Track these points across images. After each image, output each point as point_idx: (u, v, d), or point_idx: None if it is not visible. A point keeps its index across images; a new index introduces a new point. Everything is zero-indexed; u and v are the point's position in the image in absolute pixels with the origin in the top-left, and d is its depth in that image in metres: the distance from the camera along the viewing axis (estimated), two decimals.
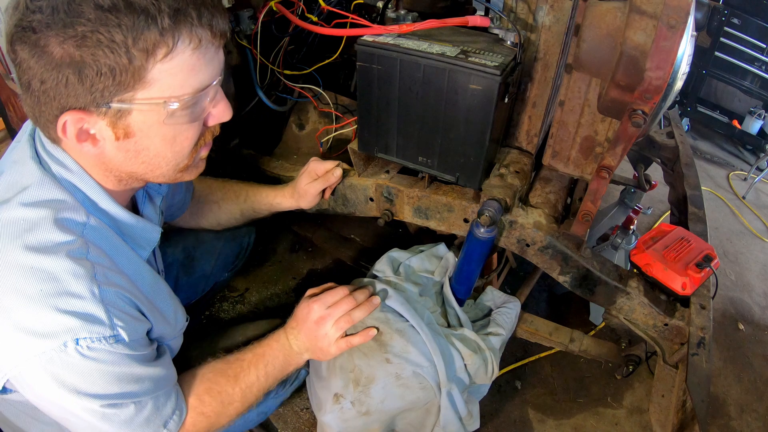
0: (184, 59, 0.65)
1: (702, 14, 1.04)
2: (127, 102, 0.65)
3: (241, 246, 1.45)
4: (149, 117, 0.67)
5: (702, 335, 1.10)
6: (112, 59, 0.60)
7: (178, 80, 0.66)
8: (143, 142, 0.70)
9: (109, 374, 0.71)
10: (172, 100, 0.66)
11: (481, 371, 1.19)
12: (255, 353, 1.00)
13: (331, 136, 1.62)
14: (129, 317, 0.72)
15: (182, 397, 0.89)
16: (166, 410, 0.83)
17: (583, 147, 1.27)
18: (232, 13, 1.44)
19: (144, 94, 0.65)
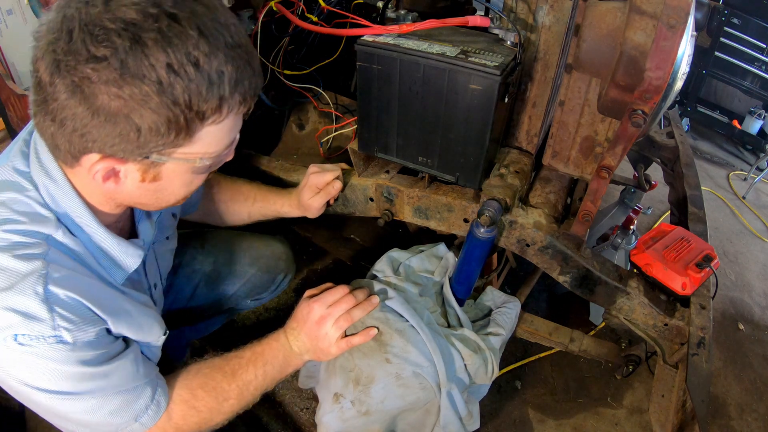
0: (227, 123, 0.69)
1: (702, 14, 1.05)
2: (167, 156, 0.68)
3: (274, 281, 1.40)
4: (180, 167, 0.71)
5: (702, 335, 1.10)
6: (173, 120, 0.62)
7: (217, 140, 0.70)
8: (165, 185, 0.73)
9: (55, 372, 0.71)
10: (206, 156, 0.71)
11: (481, 371, 1.19)
12: (254, 351, 0.99)
13: (331, 136, 1.62)
14: (79, 319, 0.71)
15: (163, 392, 0.87)
16: (137, 405, 0.82)
17: (583, 147, 1.27)
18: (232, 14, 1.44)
19: (184, 150, 0.68)
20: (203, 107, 0.63)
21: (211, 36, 0.61)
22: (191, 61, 0.60)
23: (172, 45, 0.59)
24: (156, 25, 0.58)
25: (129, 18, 0.58)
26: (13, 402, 1.56)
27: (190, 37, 0.60)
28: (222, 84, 0.63)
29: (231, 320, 1.81)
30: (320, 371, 1.20)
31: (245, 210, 1.25)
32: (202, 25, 0.61)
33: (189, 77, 0.60)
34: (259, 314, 1.89)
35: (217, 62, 0.62)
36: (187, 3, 0.61)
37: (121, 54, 0.57)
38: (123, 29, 0.57)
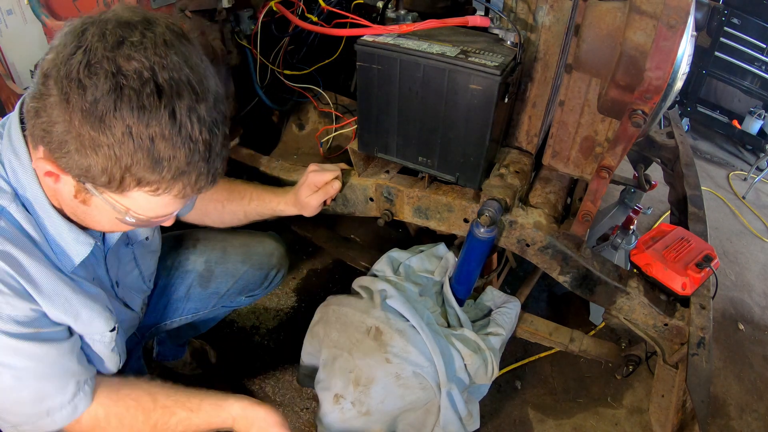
0: (162, 200, 0.72)
1: (702, 14, 1.05)
2: (98, 192, 0.72)
3: (267, 277, 1.40)
4: (108, 208, 0.74)
5: (702, 335, 1.10)
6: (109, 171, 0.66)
7: (149, 207, 0.74)
8: (92, 212, 0.77)
9: None
10: (133, 215, 0.75)
11: (481, 371, 1.19)
12: (189, 418, 0.92)
13: (331, 136, 1.62)
14: (8, 291, 0.72)
15: (85, 398, 0.85)
16: (54, 400, 0.81)
17: (583, 147, 1.27)
18: (232, 13, 1.44)
19: (115, 197, 0.72)
20: (142, 176, 0.67)
21: (181, 124, 0.65)
22: (149, 135, 0.64)
23: (141, 113, 0.63)
24: (141, 88, 0.62)
25: (125, 69, 0.62)
26: None
27: (158, 115, 0.63)
28: (168, 168, 0.67)
29: (230, 320, 1.82)
30: (320, 372, 1.20)
31: (241, 209, 1.25)
32: (177, 111, 0.65)
33: (139, 147, 0.64)
34: (259, 314, 1.90)
35: (171, 148, 0.65)
36: (179, 84, 0.65)
37: (97, 93, 0.62)
38: (112, 74, 0.62)
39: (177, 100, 0.65)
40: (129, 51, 0.63)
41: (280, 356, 1.77)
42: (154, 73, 0.63)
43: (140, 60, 0.63)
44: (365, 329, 1.14)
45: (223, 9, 1.36)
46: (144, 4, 1.25)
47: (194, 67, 0.68)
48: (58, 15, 1.40)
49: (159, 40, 0.65)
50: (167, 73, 0.64)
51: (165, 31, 0.67)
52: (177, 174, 0.68)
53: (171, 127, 0.64)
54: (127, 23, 0.65)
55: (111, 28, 0.64)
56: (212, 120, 0.69)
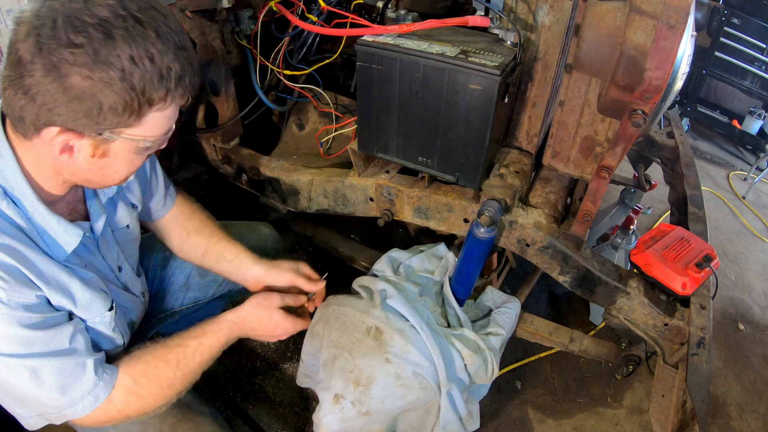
0: (168, 111, 0.80)
1: (702, 14, 1.05)
2: (117, 134, 0.78)
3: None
4: (126, 146, 0.81)
5: (702, 335, 1.10)
6: (128, 102, 0.73)
7: (159, 125, 0.81)
8: (111, 161, 0.83)
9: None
10: (148, 139, 0.82)
11: (481, 371, 1.19)
12: (201, 343, 1.01)
13: (331, 136, 1.62)
14: (13, 280, 0.76)
15: (104, 386, 0.89)
16: (74, 392, 0.85)
17: (583, 147, 1.27)
18: (232, 13, 1.44)
19: (132, 131, 0.78)
20: (153, 95, 0.75)
21: (165, 38, 0.74)
22: (148, 56, 0.72)
23: (135, 41, 0.71)
24: (124, 24, 0.70)
25: (103, 15, 0.69)
26: None
27: (149, 37, 0.72)
28: (170, 78, 0.75)
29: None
30: (319, 372, 1.20)
31: (203, 245, 1.22)
32: (159, 29, 0.73)
33: (146, 69, 0.72)
34: None
35: (168, 60, 0.74)
36: (147, 10, 0.73)
37: (95, 43, 0.69)
38: (98, 24, 0.69)
39: (155, 22, 0.73)
40: (97, 2, 0.70)
41: (280, 356, 1.77)
42: (126, 9, 0.71)
43: (110, 4, 0.70)
44: (365, 329, 1.14)
45: (223, 9, 1.36)
46: None
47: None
48: None
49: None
50: (134, 4, 0.72)
51: None
52: (177, 80, 0.76)
53: (161, 43, 0.73)
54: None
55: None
56: (180, 29, 0.78)
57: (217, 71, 1.46)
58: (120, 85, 0.71)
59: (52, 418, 0.88)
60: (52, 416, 0.87)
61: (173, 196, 1.22)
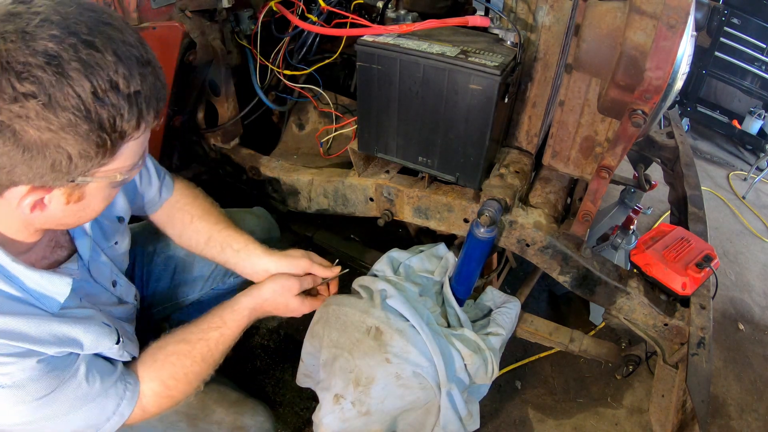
0: (142, 137, 0.72)
1: (702, 14, 1.05)
2: (91, 176, 0.70)
3: None
4: (102, 185, 0.74)
5: (702, 335, 1.10)
6: (99, 143, 0.65)
7: (133, 154, 0.73)
8: (88, 202, 0.75)
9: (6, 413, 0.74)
10: (123, 170, 0.73)
11: (481, 371, 1.19)
12: (222, 334, 1.01)
13: (331, 136, 1.62)
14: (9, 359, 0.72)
15: (129, 402, 0.89)
16: (98, 419, 0.85)
17: (583, 147, 1.27)
18: (232, 13, 1.44)
19: (106, 168, 0.70)
20: (125, 127, 0.66)
21: (126, 59, 0.64)
22: (112, 85, 0.63)
23: (94, 73, 0.61)
24: (76, 55, 0.60)
25: (51, 50, 0.58)
26: None
27: (108, 63, 0.62)
28: (139, 102, 0.66)
29: None
30: (319, 372, 1.20)
31: (207, 231, 1.16)
32: (117, 49, 0.63)
33: (111, 101, 0.63)
34: None
35: (134, 84, 0.65)
36: (100, 28, 0.63)
37: (47, 88, 0.58)
38: (46, 63, 0.58)
39: (111, 42, 0.63)
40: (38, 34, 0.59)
41: (280, 356, 1.77)
42: (76, 34, 0.61)
43: (54, 34, 0.59)
44: (365, 329, 1.14)
45: (223, 9, 1.36)
46: (144, 6, 1.25)
47: (93, 8, 0.65)
48: None
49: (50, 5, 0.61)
50: (83, 26, 0.62)
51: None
52: (148, 103, 0.68)
53: (121, 65, 0.63)
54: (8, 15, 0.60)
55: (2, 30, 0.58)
56: (139, 41, 0.68)
57: (217, 71, 1.46)
58: (86, 127, 0.62)
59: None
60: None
61: (170, 185, 1.17)
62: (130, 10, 1.24)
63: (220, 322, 1.01)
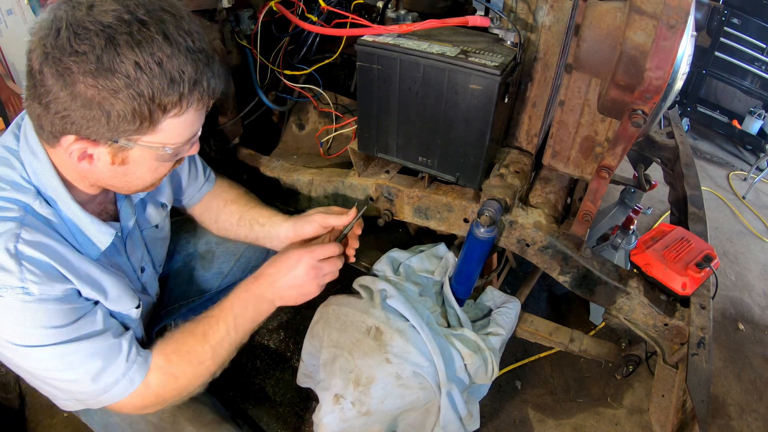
0: (187, 117, 0.79)
1: (702, 14, 1.05)
2: (133, 142, 0.78)
3: (268, 253, 1.38)
4: (145, 154, 0.81)
5: (702, 335, 1.10)
6: (138, 110, 0.72)
7: (178, 131, 0.80)
8: (132, 168, 0.83)
9: (22, 323, 0.77)
10: (168, 146, 0.81)
11: (481, 371, 1.19)
12: (222, 307, 0.98)
13: (331, 136, 1.62)
14: (45, 276, 0.78)
15: (138, 369, 0.89)
16: (106, 377, 0.85)
17: (583, 147, 1.27)
18: (232, 13, 1.44)
19: (149, 138, 0.78)
20: (164, 101, 0.73)
21: (175, 41, 0.72)
22: (156, 60, 0.70)
23: (140, 46, 0.69)
24: (128, 29, 0.69)
25: (106, 21, 0.68)
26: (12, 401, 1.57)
27: (155, 41, 0.70)
28: (182, 82, 0.73)
29: None
30: (319, 372, 1.20)
31: (238, 212, 1.23)
32: (167, 32, 0.71)
33: (153, 74, 0.71)
34: None
35: (178, 63, 0.72)
36: (156, 12, 0.71)
37: (97, 50, 0.68)
38: (101, 30, 0.68)
39: (162, 24, 0.71)
40: (102, 8, 0.69)
41: (280, 356, 1.77)
42: (132, 13, 0.69)
43: (115, 9, 0.69)
44: (365, 329, 1.14)
45: (223, 9, 1.36)
46: None
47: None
48: None
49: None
50: (141, 8, 0.70)
51: None
52: (192, 84, 0.75)
53: (169, 46, 0.71)
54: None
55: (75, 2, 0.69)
56: (196, 31, 0.76)
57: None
58: (126, 93, 0.70)
59: (89, 403, 0.89)
60: (89, 402, 0.88)
61: (212, 181, 1.25)
62: None
63: (222, 299, 1.00)
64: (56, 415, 1.56)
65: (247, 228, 1.21)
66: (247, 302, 1.00)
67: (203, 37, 0.77)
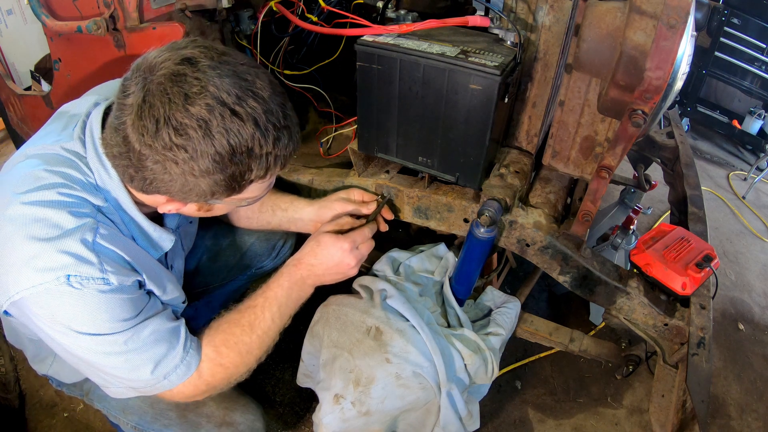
0: (270, 180, 0.87)
1: (702, 14, 1.05)
2: (220, 201, 0.85)
3: (274, 248, 1.45)
4: (229, 205, 0.91)
5: (702, 335, 1.10)
6: (228, 185, 0.80)
7: (261, 189, 0.88)
8: (215, 212, 0.93)
9: (99, 312, 0.80)
10: (248, 200, 0.90)
11: (481, 371, 1.19)
12: (266, 297, 1.04)
13: (331, 136, 1.62)
14: (119, 267, 0.84)
15: (194, 355, 0.94)
16: (166, 363, 0.89)
17: (583, 147, 1.27)
18: (232, 13, 1.44)
19: (234, 197, 0.85)
20: (252, 177, 0.81)
21: (265, 127, 0.77)
22: (247, 148, 0.76)
23: (233, 137, 0.75)
24: (222, 122, 0.74)
25: (202, 115, 0.73)
26: (12, 401, 1.57)
27: (247, 130, 0.75)
28: (269, 160, 0.80)
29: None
30: (319, 372, 1.20)
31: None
32: (258, 119, 0.76)
33: (244, 159, 0.77)
34: None
35: (267, 147, 0.78)
36: (247, 101, 0.76)
37: (194, 142, 0.74)
38: (198, 126, 0.73)
39: (250, 110, 0.75)
40: (194, 99, 0.73)
41: (280, 356, 1.77)
42: (224, 103, 0.74)
43: (207, 101, 0.73)
44: (365, 329, 1.14)
45: (223, 9, 1.36)
46: (144, 6, 1.25)
47: (242, 73, 0.77)
48: (58, 15, 1.40)
49: (210, 74, 0.74)
50: (230, 96, 0.74)
51: (206, 61, 0.75)
52: (278, 159, 0.81)
53: (259, 131, 0.76)
54: (175, 75, 0.73)
55: (169, 87, 0.73)
56: (281, 105, 0.80)
57: None
58: (221, 176, 0.77)
59: (143, 391, 0.92)
60: (145, 389, 0.91)
61: None
62: (130, 10, 1.24)
63: (264, 287, 1.06)
64: (56, 415, 1.56)
65: (269, 214, 1.26)
66: (291, 290, 1.06)
67: (287, 106, 0.82)
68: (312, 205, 1.23)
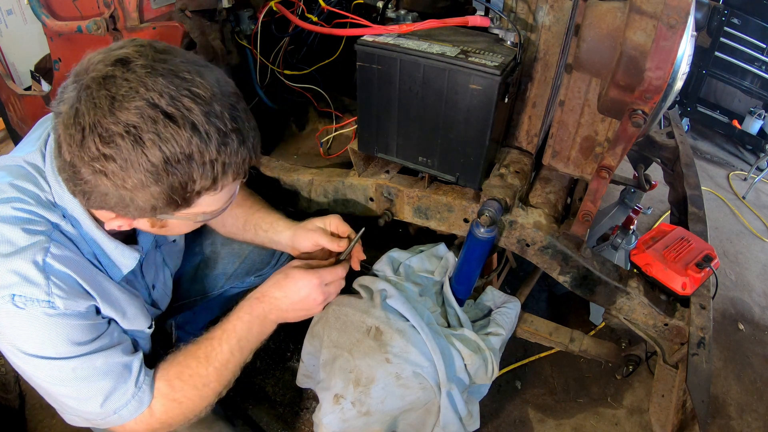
0: (223, 192, 0.79)
1: (702, 14, 1.05)
2: (170, 215, 0.79)
3: (274, 256, 1.43)
4: (182, 222, 0.84)
5: (702, 335, 1.10)
6: (170, 198, 0.73)
7: (214, 202, 0.81)
8: (171, 229, 0.86)
9: (43, 336, 0.77)
10: (201, 215, 0.83)
11: (481, 371, 1.19)
12: (224, 329, 0.97)
13: (331, 136, 1.62)
14: (71, 291, 0.78)
15: (146, 390, 0.89)
16: (117, 397, 0.85)
17: (583, 147, 1.27)
18: (232, 13, 1.44)
19: (185, 212, 0.79)
20: (197, 187, 0.73)
21: (206, 131, 0.69)
22: (185, 155, 0.69)
23: (167, 144, 0.67)
24: (154, 128, 0.66)
25: (131, 121, 0.66)
26: (12, 401, 1.57)
27: (182, 136, 0.68)
28: (215, 169, 0.72)
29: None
30: (319, 372, 1.20)
31: (243, 215, 1.22)
32: (195, 123, 0.68)
33: (183, 169, 0.69)
34: None
35: (210, 154, 0.70)
36: (183, 101, 0.68)
37: (124, 153, 0.67)
38: (126, 132, 0.66)
39: (189, 113, 0.68)
40: (124, 104, 0.66)
41: (280, 356, 1.77)
42: (156, 106, 0.66)
43: (136, 103, 0.66)
44: (365, 329, 1.14)
45: (223, 9, 1.36)
46: (144, 6, 1.25)
47: (180, 72, 0.69)
48: (58, 15, 1.40)
49: (141, 74, 0.67)
50: (162, 97, 0.67)
51: (140, 61, 0.68)
52: (226, 167, 0.73)
53: (198, 136, 0.69)
54: (104, 78, 0.67)
55: (96, 91, 0.66)
56: (229, 106, 0.73)
57: None
58: (156, 189, 0.70)
59: (96, 423, 0.88)
60: (96, 421, 0.88)
61: None
62: (130, 10, 1.24)
63: (224, 320, 1.00)
64: (56, 415, 1.55)
65: (252, 233, 1.21)
66: (251, 324, 0.99)
67: (236, 109, 0.74)
68: (290, 228, 1.17)
